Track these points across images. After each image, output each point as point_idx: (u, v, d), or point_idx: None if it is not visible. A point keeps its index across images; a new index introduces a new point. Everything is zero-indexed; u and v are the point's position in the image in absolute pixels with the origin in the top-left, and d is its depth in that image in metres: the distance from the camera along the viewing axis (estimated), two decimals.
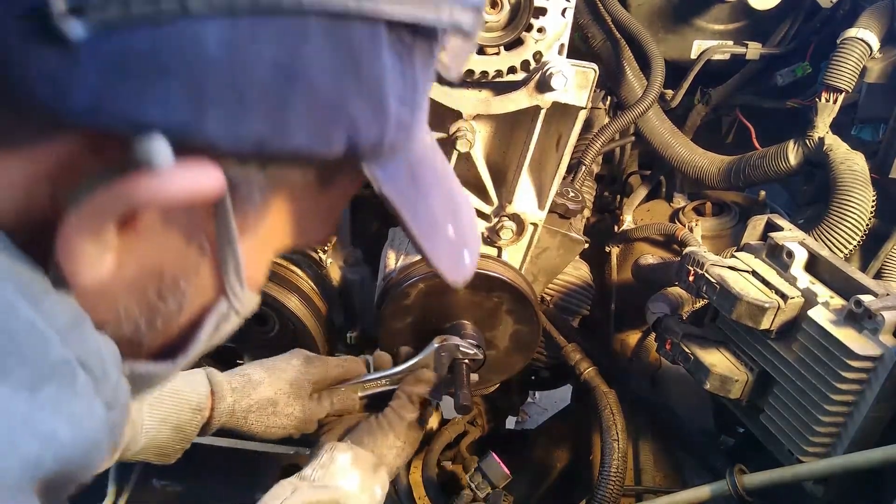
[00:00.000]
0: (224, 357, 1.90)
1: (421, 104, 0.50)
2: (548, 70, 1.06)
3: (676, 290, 1.39)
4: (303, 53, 0.40)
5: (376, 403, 1.15)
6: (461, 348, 1.17)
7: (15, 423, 0.38)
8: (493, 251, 1.30)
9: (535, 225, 1.28)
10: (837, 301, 1.03)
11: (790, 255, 1.08)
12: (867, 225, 1.26)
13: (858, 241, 1.26)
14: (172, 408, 0.99)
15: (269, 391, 1.07)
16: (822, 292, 1.05)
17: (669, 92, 1.63)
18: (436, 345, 1.16)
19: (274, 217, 0.49)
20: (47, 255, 0.42)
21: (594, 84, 1.10)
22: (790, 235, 1.12)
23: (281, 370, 1.10)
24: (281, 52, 0.39)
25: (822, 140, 1.37)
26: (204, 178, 0.41)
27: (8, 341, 0.38)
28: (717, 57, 1.58)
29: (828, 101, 1.36)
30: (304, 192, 0.50)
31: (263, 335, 1.64)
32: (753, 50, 1.58)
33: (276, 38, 0.38)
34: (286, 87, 0.40)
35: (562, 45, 1.09)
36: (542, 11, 1.02)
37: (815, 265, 1.09)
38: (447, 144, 1.17)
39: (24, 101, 0.36)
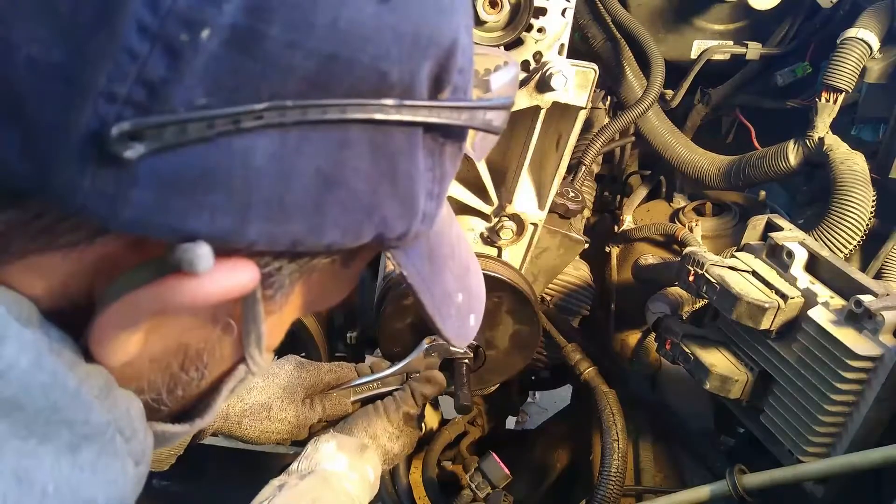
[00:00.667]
0: None
1: (445, 194, 0.52)
2: (548, 70, 1.06)
3: (676, 290, 1.39)
4: (344, 161, 0.40)
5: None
6: (452, 348, 1.17)
7: (59, 485, 0.39)
8: (493, 251, 1.30)
9: (535, 225, 1.28)
10: (837, 301, 1.03)
11: (790, 255, 1.08)
12: (867, 225, 1.26)
13: (858, 241, 1.26)
14: None
15: (262, 396, 1.08)
16: (822, 292, 1.05)
17: (669, 92, 1.63)
18: (425, 345, 1.16)
19: (298, 296, 0.50)
20: (77, 330, 0.42)
21: (594, 84, 1.10)
22: (790, 235, 1.12)
23: (274, 375, 1.10)
24: (324, 161, 0.40)
25: (822, 140, 1.37)
26: (240, 277, 0.42)
27: (53, 411, 0.39)
28: (717, 57, 1.58)
29: (828, 101, 1.36)
30: (330, 273, 0.51)
31: None
32: (753, 50, 1.58)
33: (320, 148, 0.39)
34: (325, 193, 0.41)
35: (562, 45, 1.09)
36: (542, 11, 1.02)
37: (815, 265, 1.09)
38: None
39: (74, 211, 0.36)
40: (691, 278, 1.10)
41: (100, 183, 0.35)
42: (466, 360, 1.18)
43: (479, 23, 1.01)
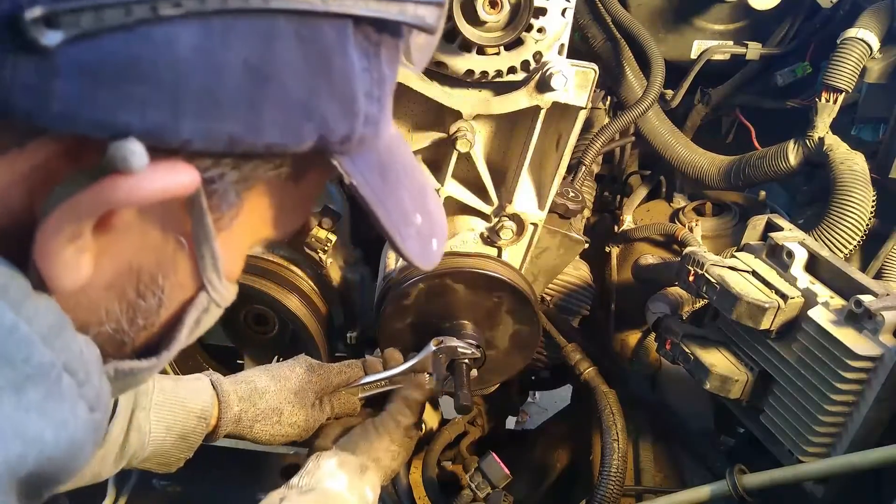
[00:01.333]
0: (224, 357, 1.90)
1: (388, 99, 0.51)
2: (548, 70, 1.06)
3: (676, 290, 1.39)
4: (273, 54, 0.41)
5: (374, 403, 1.15)
6: (459, 349, 1.17)
7: (2, 425, 0.39)
8: (493, 251, 1.30)
9: (535, 225, 1.28)
10: (837, 301, 1.03)
11: (790, 255, 1.08)
12: (867, 225, 1.26)
13: (858, 241, 1.26)
14: (178, 416, 1.00)
15: (274, 401, 1.08)
16: (822, 292, 1.05)
17: (669, 92, 1.63)
18: (433, 347, 1.16)
19: (249, 212, 0.50)
20: (26, 260, 0.42)
21: (594, 84, 1.10)
22: (790, 235, 1.12)
23: (286, 378, 1.10)
24: (252, 53, 0.40)
25: (822, 140, 1.37)
26: (178, 177, 0.41)
27: None
28: (717, 57, 1.58)
29: (828, 101, 1.36)
30: (278, 187, 0.50)
31: (263, 335, 1.65)
32: (753, 50, 1.58)
33: (246, 39, 0.39)
34: (258, 88, 0.41)
35: (562, 45, 1.09)
36: (542, 11, 1.02)
37: (815, 265, 1.09)
38: (447, 144, 1.17)
39: (0, 109, 0.36)
40: (691, 278, 1.10)
41: (21, 74, 0.35)
42: (467, 361, 1.18)
43: (479, 23, 1.01)
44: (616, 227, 1.65)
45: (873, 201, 1.27)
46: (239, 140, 0.42)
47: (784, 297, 1.04)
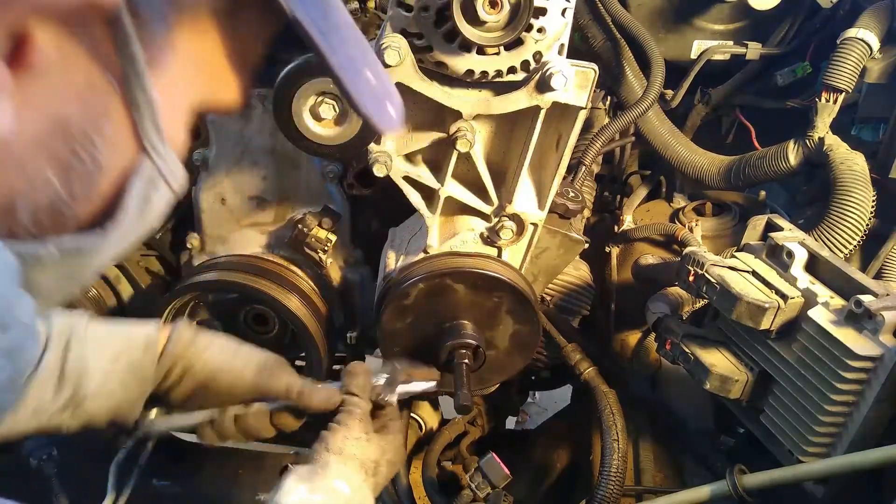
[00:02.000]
0: None
1: None
2: (548, 70, 1.06)
3: (676, 290, 1.39)
4: None
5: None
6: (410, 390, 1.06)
7: None
8: (493, 251, 1.30)
9: (535, 225, 1.28)
10: (837, 301, 1.04)
11: (790, 255, 1.08)
12: (867, 225, 1.26)
13: (858, 241, 1.26)
14: (121, 345, 0.93)
15: (234, 342, 1.02)
16: (822, 292, 1.05)
17: (669, 92, 1.62)
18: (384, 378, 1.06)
19: (184, 52, 0.47)
20: None
21: (594, 84, 1.10)
22: (790, 235, 1.12)
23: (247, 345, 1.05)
24: None
25: (822, 140, 1.37)
26: None
27: None
28: (717, 57, 1.58)
29: (828, 101, 1.36)
30: (213, 24, 0.47)
31: (263, 335, 1.64)
32: (753, 50, 1.58)
33: None
34: None
35: (562, 45, 1.09)
36: (542, 11, 1.02)
37: (815, 265, 1.09)
38: (447, 144, 1.17)
39: None
40: (691, 278, 1.10)
41: None
42: (466, 360, 1.18)
43: (479, 23, 1.01)
44: (616, 227, 1.65)
45: (873, 201, 1.27)
46: None
47: (784, 297, 1.04)
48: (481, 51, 1.05)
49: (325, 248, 1.49)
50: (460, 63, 1.06)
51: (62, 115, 0.43)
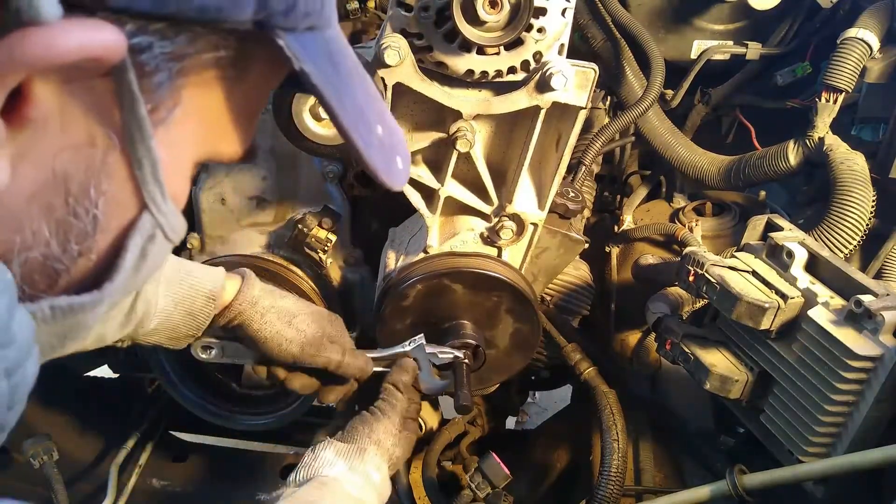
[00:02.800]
0: None
1: None
2: (548, 70, 1.06)
3: (676, 290, 1.39)
4: None
5: (366, 398, 1.14)
6: (440, 354, 1.17)
7: None
8: (493, 251, 1.30)
9: (535, 225, 1.28)
10: (837, 301, 1.03)
11: (790, 255, 1.08)
12: (867, 225, 1.26)
13: (858, 241, 1.26)
14: (186, 293, 0.99)
15: (293, 306, 1.09)
16: (822, 292, 1.05)
17: (669, 92, 1.62)
18: (418, 342, 1.16)
19: (188, 108, 0.45)
20: None
21: (594, 84, 1.10)
22: (790, 235, 1.12)
23: (309, 303, 1.12)
24: None
25: (822, 140, 1.37)
26: (99, 34, 0.36)
27: None
28: (717, 57, 1.58)
29: (828, 101, 1.36)
30: (219, 79, 0.46)
31: None
32: (753, 50, 1.58)
33: None
34: None
35: (562, 45, 1.09)
36: (542, 11, 1.02)
37: (815, 265, 1.09)
38: (447, 144, 1.17)
39: None
40: (691, 278, 1.10)
41: None
42: (466, 361, 1.18)
43: (479, 23, 1.01)
44: (616, 227, 1.65)
45: (873, 201, 1.27)
46: None
47: (784, 297, 1.04)
48: (481, 51, 1.04)
49: (325, 248, 1.49)
50: (460, 63, 1.06)
51: (60, 170, 0.41)
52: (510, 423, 2.19)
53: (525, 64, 1.07)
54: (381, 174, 0.53)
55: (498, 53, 1.05)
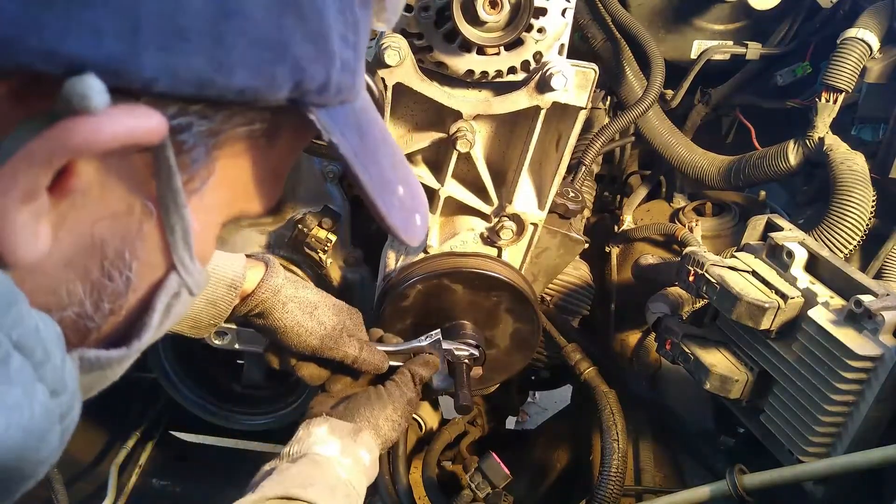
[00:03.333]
0: (224, 357, 1.90)
1: (363, 49, 0.49)
2: (548, 70, 1.06)
3: (676, 290, 1.39)
4: None
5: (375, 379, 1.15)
6: (456, 351, 1.17)
7: None
8: (493, 251, 1.30)
9: (535, 225, 1.28)
10: (837, 301, 1.03)
11: (790, 255, 1.08)
12: (867, 225, 1.26)
13: (858, 241, 1.26)
14: (208, 282, 0.97)
15: (315, 297, 1.08)
16: (822, 292, 1.05)
17: (669, 92, 1.63)
18: (435, 337, 1.16)
19: (221, 177, 0.47)
20: None
21: (594, 84, 1.10)
22: (790, 235, 1.12)
23: (331, 296, 1.12)
24: None
25: (822, 140, 1.37)
26: (144, 120, 0.38)
27: None
28: (717, 57, 1.58)
29: (828, 101, 1.36)
30: (251, 148, 0.48)
31: None
32: (753, 50, 1.58)
33: None
34: (223, 20, 0.39)
35: (562, 45, 1.09)
36: (542, 11, 1.02)
37: (815, 265, 1.09)
38: (447, 144, 1.17)
39: None
40: (691, 278, 1.10)
41: None
42: (466, 360, 1.18)
43: (479, 23, 1.01)
44: (616, 227, 1.65)
45: (873, 201, 1.27)
46: (208, 81, 0.39)
47: (784, 297, 1.04)
48: (481, 51, 1.05)
49: (325, 248, 1.49)
50: (460, 63, 1.06)
51: (97, 236, 0.43)
52: (510, 423, 2.19)
53: (525, 64, 1.07)
54: (399, 233, 0.55)
55: (498, 53, 1.05)
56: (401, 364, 1.14)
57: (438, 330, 1.18)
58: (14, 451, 0.38)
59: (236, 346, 1.13)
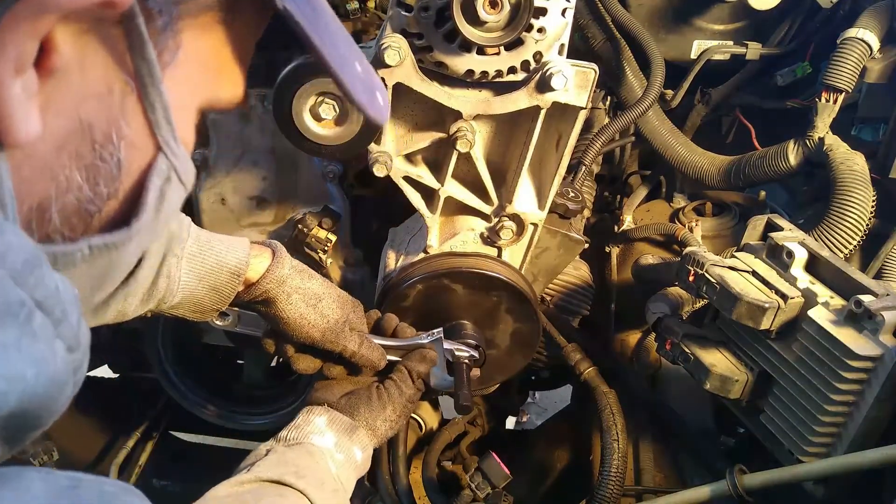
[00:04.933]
0: (224, 357, 1.90)
1: None
2: (548, 70, 1.06)
3: (676, 290, 1.39)
4: None
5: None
6: (456, 352, 1.17)
7: None
8: (493, 251, 1.30)
9: (535, 225, 1.28)
10: (837, 301, 1.04)
11: (790, 255, 1.08)
12: (867, 225, 1.26)
13: (858, 241, 1.26)
14: (211, 268, 0.99)
15: (320, 288, 1.09)
16: (822, 292, 1.05)
17: (669, 92, 1.63)
18: (437, 335, 1.16)
19: (188, 51, 0.50)
20: None
21: (594, 84, 1.10)
22: (790, 235, 1.12)
23: (336, 287, 1.13)
24: None
25: (822, 140, 1.37)
26: None
27: None
28: (717, 57, 1.58)
29: (828, 101, 1.36)
30: (213, 23, 0.51)
31: None
32: (753, 50, 1.58)
33: None
34: None
35: (562, 45, 1.09)
36: (542, 11, 1.02)
37: (815, 265, 1.09)
38: (447, 144, 1.17)
39: None
40: (691, 278, 1.10)
41: None
42: (467, 361, 1.18)
43: (479, 23, 1.01)
44: (616, 227, 1.65)
45: (873, 201, 1.27)
46: None
47: (784, 297, 1.04)
48: (481, 51, 1.05)
49: (325, 248, 1.49)
50: (460, 63, 1.06)
51: (84, 117, 0.46)
52: (510, 423, 2.19)
53: (525, 64, 1.07)
54: (365, 108, 0.57)
55: (498, 53, 1.05)
56: (398, 360, 1.14)
57: (441, 329, 1.18)
58: (40, 399, 0.41)
59: (237, 328, 1.12)
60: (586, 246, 1.40)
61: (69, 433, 1.98)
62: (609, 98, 1.69)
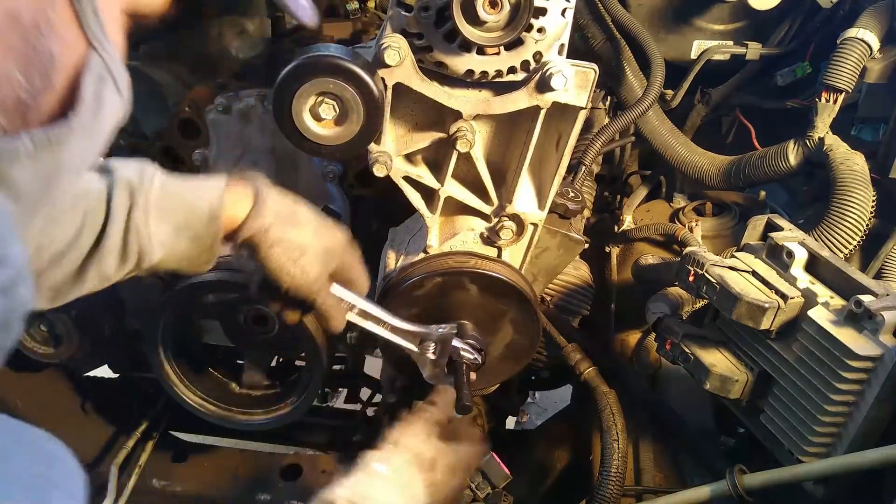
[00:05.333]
0: (224, 357, 1.90)
1: None
2: (548, 70, 1.06)
3: (676, 290, 1.39)
4: None
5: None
6: (462, 351, 1.17)
7: None
8: (493, 251, 1.30)
9: (535, 225, 1.28)
10: (837, 301, 1.04)
11: (790, 255, 1.08)
12: (867, 225, 1.26)
13: (858, 241, 1.26)
14: (184, 218, 0.94)
15: (305, 239, 1.02)
16: (822, 292, 1.05)
17: (669, 92, 1.63)
18: (450, 330, 1.16)
19: None
20: None
21: (594, 84, 1.10)
22: (790, 235, 1.12)
23: (326, 233, 1.06)
24: None
25: (822, 140, 1.37)
26: None
27: None
28: (717, 57, 1.58)
29: (828, 101, 1.36)
30: None
31: (263, 335, 1.64)
32: (753, 50, 1.58)
33: None
34: None
35: (562, 45, 1.09)
36: (542, 11, 1.02)
37: (815, 265, 1.09)
38: (447, 144, 1.17)
39: None
40: (691, 278, 1.10)
41: None
42: (468, 362, 1.18)
43: (479, 23, 1.01)
44: (616, 227, 1.65)
45: (873, 201, 1.27)
46: None
47: (784, 297, 1.04)
48: (481, 51, 1.04)
49: None
50: (460, 63, 1.06)
51: (11, 7, 0.47)
52: (510, 423, 2.19)
53: (525, 64, 1.07)
54: (293, 9, 0.60)
55: (498, 53, 1.05)
56: (413, 348, 1.13)
57: (455, 324, 1.17)
58: None
59: (236, 264, 1.10)
60: (586, 246, 1.40)
61: (69, 433, 1.98)
62: (609, 98, 1.69)
